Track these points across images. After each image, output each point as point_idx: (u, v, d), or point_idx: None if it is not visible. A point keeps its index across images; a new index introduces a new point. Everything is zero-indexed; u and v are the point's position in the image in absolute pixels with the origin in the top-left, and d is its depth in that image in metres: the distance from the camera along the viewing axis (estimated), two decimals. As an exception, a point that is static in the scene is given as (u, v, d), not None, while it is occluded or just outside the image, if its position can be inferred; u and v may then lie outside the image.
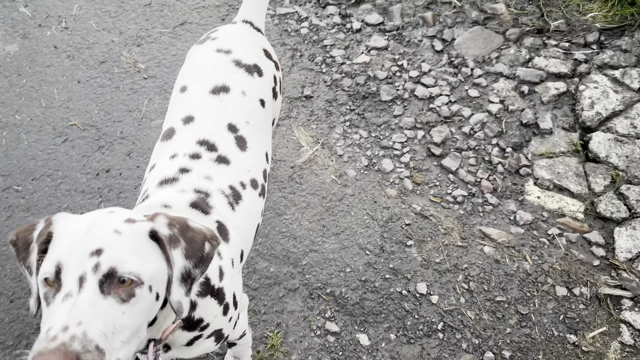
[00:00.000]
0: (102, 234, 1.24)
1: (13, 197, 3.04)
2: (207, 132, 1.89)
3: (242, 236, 1.86)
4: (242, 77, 2.05)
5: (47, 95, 3.49)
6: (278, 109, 2.47)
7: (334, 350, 2.62)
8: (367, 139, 3.39)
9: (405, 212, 3.08)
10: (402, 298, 2.78)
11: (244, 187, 1.90)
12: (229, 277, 1.71)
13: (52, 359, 1.01)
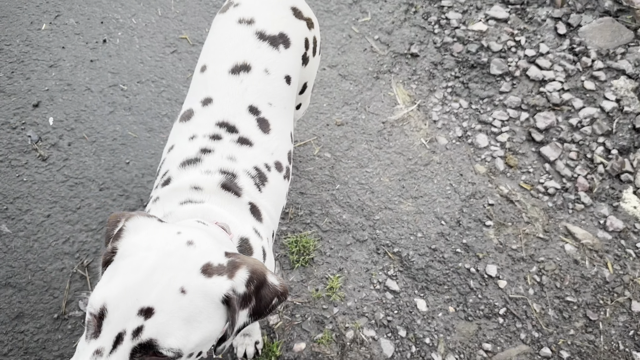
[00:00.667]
0: (164, 290, 1.08)
1: (118, 95, 3.19)
2: (227, 114, 1.76)
3: (271, 217, 1.79)
4: (265, 53, 1.85)
5: (165, 4, 3.59)
6: (314, 70, 2.26)
7: (389, 307, 2.61)
8: (467, 109, 3.26)
9: (491, 192, 2.97)
10: (468, 275, 2.72)
11: (269, 169, 1.80)
12: (269, 258, 1.69)
13: None
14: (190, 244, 1.18)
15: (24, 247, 2.69)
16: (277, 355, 2.44)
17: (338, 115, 3.18)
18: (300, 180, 2.94)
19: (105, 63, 3.31)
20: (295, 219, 2.83)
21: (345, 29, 3.53)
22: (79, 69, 3.28)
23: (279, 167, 1.85)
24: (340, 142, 3.08)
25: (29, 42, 3.39)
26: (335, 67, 3.36)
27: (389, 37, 3.51)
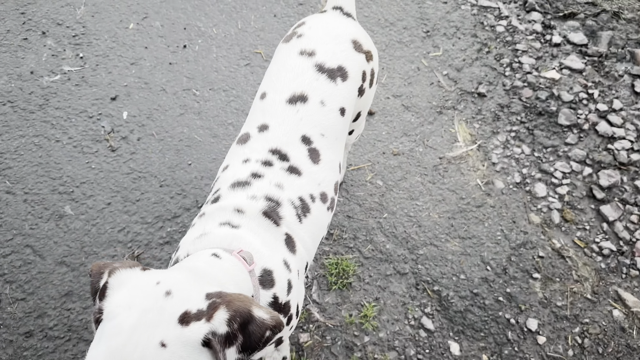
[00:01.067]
0: (145, 347, 1.09)
1: (189, 99, 3.36)
2: (280, 142, 1.82)
3: (307, 249, 1.82)
4: (322, 85, 1.90)
5: (245, 19, 3.75)
6: (369, 100, 2.29)
7: (421, 346, 2.58)
8: (528, 156, 3.20)
9: (542, 244, 2.89)
10: (507, 325, 2.65)
11: (314, 200, 1.84)
12: (295, 290, 1.69)
13: None
14: (168, 294, 1.18)
15: (82, 229, 2.85)
16: (302, 374, 2.46)
17: (395, 144, 3.20)
18: (349, 204, 2.98)
19: (183, 67, 3.49)
20: (339, 241, 2.86)
21: (415, 61, 3.56)
22: (158, 69, 3.47)
23: (324, 198, 1.89)
24: (394, 171, 3.10)
25: (116, 39, 3.63)
26: (399, 97, 3.39)
27: (458, 73, 3.51)
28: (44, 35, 3.64)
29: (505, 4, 3.95)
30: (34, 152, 3.12)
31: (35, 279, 2.70)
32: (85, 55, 3.55)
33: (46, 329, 2.57)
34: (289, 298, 1.65)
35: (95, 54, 3.55)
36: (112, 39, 3.64)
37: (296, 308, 1.73)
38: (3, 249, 2.78)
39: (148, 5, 3.81)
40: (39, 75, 3.44)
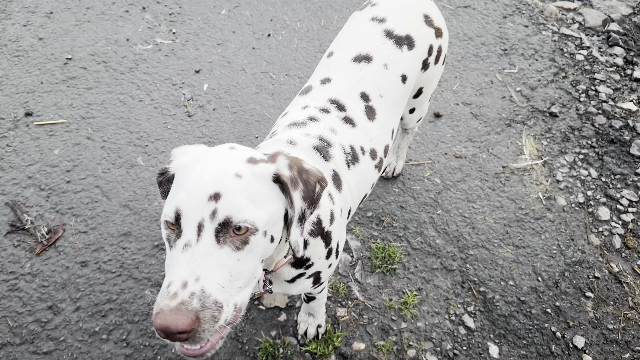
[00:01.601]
0: (222, 176, 1.19)
1: (266, 81, 3.53)
2: (340, 94, 1.88)
3: (351, 195, 1.84)
4: (388, 49, 1.97)
5: (328, 18, 3.93)
6: (434, 79, 2.30)
7: (459, 342, 2.52)
8: (595, 180, 3.12)
9: (599, 266, 2.78)
10: (552, 338, 2.54)
11: (363, 152, 1.87)
12: (337, 224, 1.72)
13: (172, 320, 1.04)
14: (232, 148, 1.31)
15: (149, 180, 3.02)
16: (335, 346, 2.45)
17: (459, 148, 3.21)
18: (403, 195, 2.99)
19: (264, 53, 3.69)
20: (389, 229, 2.87)
21: (489, 75, 3.59)
22: (241, 52, 3.69)
23: (373, 154, 1.92)
24: (453, 172, 3.10)
25: (207, 22, 3.90)
26: (469, 105, 3.41)
27: (531, 92, 3.51)
28: (143, 10, 3.96)
29: (587, 36, 3.93)
30: (118, 107, 3.36)
31: (99, 216, 2.87)
32: (178, 31, 3.82)
33: (101, 262, 2.71)
34: (331, 228, 1.67)
35: (186, 32, 3.82)
36: (204, 21, 3.91)
37: (336, 245, 1.75)
38: (75, 186, 2.98)
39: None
40: (133, 43, 3.74)
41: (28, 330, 2.46)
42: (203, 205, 1.16)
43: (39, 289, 2.59)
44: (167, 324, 1.04)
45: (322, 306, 2.41)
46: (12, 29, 3.79)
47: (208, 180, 1.18)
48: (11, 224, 2.81)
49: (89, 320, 2.50)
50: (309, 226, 1.58)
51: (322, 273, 1.76)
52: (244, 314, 2.01)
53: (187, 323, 1.05)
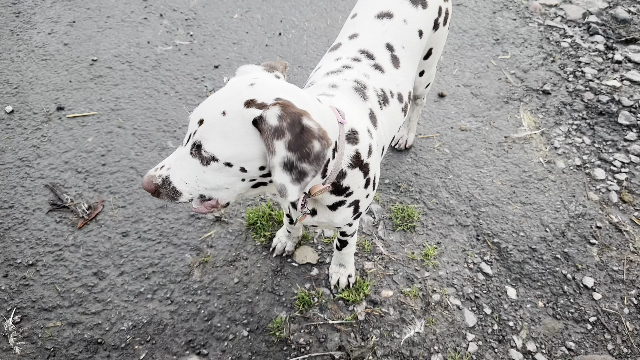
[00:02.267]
0: (214, 108, 1.47)
1: (280, 72, 3.81)
2: (368, 45, 2.13)
3: (384, 132, 2.06)
4: (406, 7, 2.24)
5: (333, 18, 4.27)
6: (441, 41, 2.56)
7: (479, 287, 2.73)
8: (589, 146, 3.41)
9: (600, 217, 3.04)
10: (564, 280, 2.76)
11: (392, 95, 2.11)
12: (374, 157, 1.89)
13: (144, 181, 1.56)
14: (251, 85, 1.49)
15: (180, 159, 3.24)
16: (365, 294, 2.65)
17: (463, 122, 3.49)
18: (416, 164, 3.25)
19: (277, 49, 3.98)
20: (406, 193, 3.11)
21: (485, 61, 3.92)
22: (256, 49, 3.98)
23: (400, 98, 2.18)
24: (460, 143, 3.37)
25: (221, 25, 4.20)
26: (469, 87, 3.72)
27: (524, 74, 3.83)
28: (161, 17, 4.26)
29: (570, 27, 4.31)
30: (145, 100, 3.60)
31: (136, 192, 3.07)
32: (195, 34, 4.11)
33: (141, 231, 2.89)
34: (368, 160, 1.87)
35: (203, 34, 4.11)
36: (219, 24, 4.21)
37: (373, 178, 1.96)
38: (110, 168, 3.19)
39: (251, 2, 4.41)
40: (154, 45, 4.01)
41: (76, 294, 2.62)
42: (195, 125, 1.51)
43: (83, 258, 2.76)
44: (142, 184, 1.57)
45: (351, 256, 2.61)
46: (38, 37, 4.05)
47: (204, 106, 1.52)
48: (52, 202, 3.00)
49: (133, 282, 2.67)
50: (347, 159, 1.76)
51: (360, 202, 1.96)
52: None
53: (150, 189, 1.56)
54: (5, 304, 2.58)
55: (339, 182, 1.79)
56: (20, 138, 3.31)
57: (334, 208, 1.92)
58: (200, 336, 2.49)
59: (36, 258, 2.75)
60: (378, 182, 2.14)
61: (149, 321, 2.53)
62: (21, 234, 2.85)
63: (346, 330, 2.52)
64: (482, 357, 2.46)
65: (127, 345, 2.45)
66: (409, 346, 2.48)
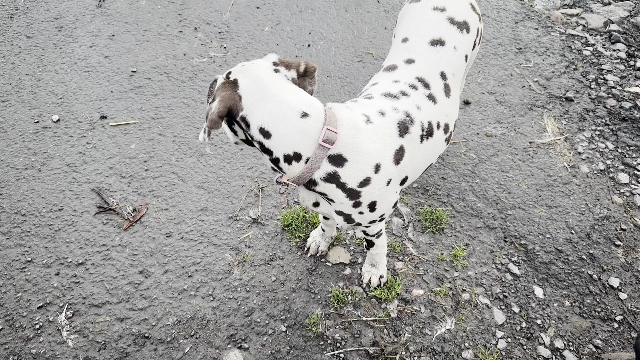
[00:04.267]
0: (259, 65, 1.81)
1: (310, 81, 3.97)
2: (424, 73, 2.18)
3: (415, 167, 2.11)
4: (455, 34, 2.31)
5: (360, 29, 4.43)
6: (474, 57, 2.68)
7: (507, 286, 2.83)
8: (612, 151, 3.50)
9: (625, 220, 3.12)
10: (590, 280, 2.85)
11: (438, 127, 2.15)
12: (373, 188, 1.97)
13: None
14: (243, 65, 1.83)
15: (219, 165, 3.41)
16: (397, 292, 2.77)
17: (489, 129, 3.61)
18: (444, 169, 3.37)
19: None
20: (434, 196, 3.23)
21: (508, 69, 4.04)
22: (286, 59, 4.15)
23: (446, 129, 2.26)
24: (486, 149, 3.48)
25: (253, 38, 4.39)
26: (493, 94, 3.84)
27: (547, 82, 3.94)
28: (195, 30, 4.46)
29: (591, 36, 4.41)
30: (183, 109, 3.79)
31: (178, 196, 3.24)
32: (228, 46, 4.31)
33: (183, 232, 3.06)
34: (359, 189, 1.94)
35: (236, 46, 4.30)
36: (251, 37, 4.40)
37: (371, 204, 2.01)
38: (153, 173, 3.37)
39: (281, 15, 4.59)
40: (190, 57, 4.21)
41: (123, 291, 2.79)
42: None
43: (129, 257, 2.94)
44: None
45: (383, 257, 2.74)
46: (80, 50, 4.27)
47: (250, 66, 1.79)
48: (98, 206, 3.18)
49: (177, 280, 2.83)
50: (322, 174, 1.89)
51: (352, 216, 2.06)
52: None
53: None
54: (58, 300, 2.75)
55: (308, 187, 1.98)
56: (66, 145, 3.52)
57: (330, 202, 2.05)
58: (241, 331, 2.63)
59: (85, 257, 2.92)
60: (392, 211, 2.19)
61: (193, 316, 2.68)
62: (71, 234, 3.03)
63: (379, 327, 2.64)
64: (511, 354, 2.56)
65: (173, 339, 2.60)
66: (440, 342, 2.59)
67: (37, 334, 2.60)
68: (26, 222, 3.07)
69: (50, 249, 2.94)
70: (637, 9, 4.63)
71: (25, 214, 3.11)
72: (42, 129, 3.62)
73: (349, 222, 2.11)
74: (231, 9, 4.66)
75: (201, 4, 4.75)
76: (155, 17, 4.61)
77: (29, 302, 2.71)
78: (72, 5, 4.77)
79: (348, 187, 1.93)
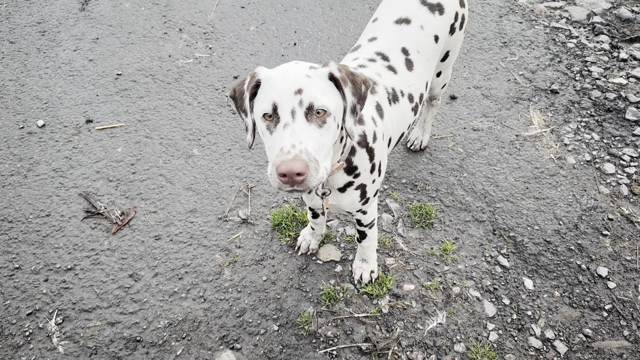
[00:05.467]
0: (298, 77, 1.59)
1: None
2: (385, 49, 2.29)
3: (391, 126, 2.22)
4: (423, 14, 2.39)
5: (345, 27, 4.43)
6: (458, 44, 2.71)
7: (497, 279, 2.85)
8: (598, 142, 3.52)
9: (612, 210, 3.15)
10: (579, 270, 2.87)
11: (402, 95, 2.26)
12: (379, 144, 2.08)
13: (292, 165, 1.45)
14: (297, 63, 1.71)
15: (207, 166, 3.40)
16: (388, 288, 2.77)
17: (475, 123, 3.62)
18: (432, 164, 3.38)
19: (293, 58, 4.15)
20: (423, 192, 3.24)
21: (494, 63, 4.06)
22: (272, 59, 4.14)
23: (410, 98, 2.33)
24: (474, 143, 3.50)
25: (239, 37, 4.37)
26: (479, 89, 3.85)
27: (533, 75, 3.96)
28: (180, 32, 4.44)
29: (575, 28, 4.44)
30: (169, 111, 3.77)
31: (166, 198, 3.23)
32: (213, 46, 4.29)
33: (172, 234, 3.04)
34: (374, 146, 2.05)
35: (221, 46, 4.29)
36: (236, 36, 4.38)
37: (379, 164, 2.13)
38: (140, 176, 3.35)
39: (266, 14, 4.58)
40: (175, 58, 4.19)
41: (113, 296, 2.77)
42: (292, 97, 1.57)
43: (119, 261, 2.92)
44: (290, 168, 1.45)
45: (374, 251, 2.75)
46: (64, 54, 4.24)
47: (291, 82, 1.59)
48: (86, 210, 3.16)
49: (167, 283, 2.82)
50: (357, 137, 1.91)
51: (367, 187, 2.13)
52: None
53: (303, 167, 1.46)
54: (47, 306, 2.73)
55: (350, 160, 1.98)
56: (52, 150, 3.49)
57: (343, 190, 2.09)
58: (233, 331, 2.62)
59: (74, 262, 2.90)
60: (385, 171, 2.28)
61: (184, 319, 2.67)
62: (59, 240, 3.01)
63: (371, 323, 2.65)
64: (502, 345, 2.58)
65: (165, 342, 2.59)
66: (432, 336, 2.60)
67: (27, 341, 2.58)
68: (13, 229, 3.04)
69: (38, 255, 2.92)
70: (620, 0, 4.67)
71: (12, 220, 3.08)
72: (27, 135, 3.59)
73: (362, 197, 2.15)
74: (216, 10, 4.65)
75: (185, 5, 4.73)
76: (140, 19, 4.59)
77: (18, 309, 2.69)
78: (55, 9, 4.73)
79: (370, 147, 2.03)
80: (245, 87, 1.74)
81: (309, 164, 1.49)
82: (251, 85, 1.70)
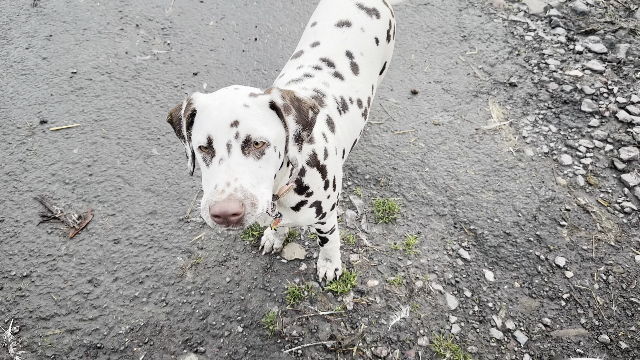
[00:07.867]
0: (235, 107, 1.49)
1: (259, 77, 3.92)
2: (329, 53, 2.25)
3: (344, 137, 2.18)
4: (362, 17, 2.40)
5: (306, 21, 4.40)
6: (390, 53, 2.75)
7: (458, 272, 2.89)
8: (555, 134, 3.60)
9: (569, 200, 3.23)
10: (537, 261, 2.94)
11: (351, 102, 2.23)
12: (331, 159, 2.02)
13: (226, 206, 1.37)
14: (236, 89, 1.60)
15: (166, 166, 3.33)
16: (353, 284, 2.78)
17: (436, 117, 3.66)
18: (394, 159, 3.40)
19: (254, 54, 4.09)
20: (385, 187, 3.25)
21: (453, 57, 4.09)
22: (233, 55, 4.08)
23: (359, 104, 2.31)
24: (434, 137, 3.53)
25: (198, 32, 4.29)
26: (439, 83, 3.89)
27: (492, 68, 4.02)
28: (137, 27, 4.33)
29: (532, 21, 4.51)
30: (127, 110, 3.68)
31: (125, 200, 3.15)
32: (172, 42, 4.20)
33: (132, 238, 2.98)
34: (325, 163, 1.98)
35: (180, 42, 4.20)
36: (195, 32, 4.30)
37: (333, 179, 2.07)
38: (97, 178, 3.26)
39: (226, 9, 4.51)
40: (132, 55, 4.08)
41: (72, 302, 2.70)
42: (227, 130, 1.48)
43: (77, 266, 2.84)
44: (224, 209, 1.38)
45: (337, 251, 2.75)
46: (16, 52, 4.08)
47: (227, 112, 1.50)
48: (42, 215, 3.06)
49: (127, 287, 2.76)
50: (306, 157, 1.88)
51: (322, 203, 2.07)
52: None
53: (237, 207, 1.39)
54: (3, 315, 2.64)
55: (300, 180, 1.91)
56: (5, 153, 3.36)
57: (297, 209, 2.02)
58: (197, 335, 2.59)
59: (30, 269, 2.81)
60: (341, 184, 2.24)
61: (146, 323, 2.62)
62: (13, 246, 2.91)
63: (336, 320, 2.65)
64: (465, 337, 2.62)
65: (126, 348, 2.54)
66: (396, 331, 2.63)
67: (-20, 353, 2.49)
68: (-37, 237, 2.92)
69: (-10, 264, 2.82)
70: (575, -7, 4.77)
71: (-38, 228, 2.96)
72: (-24, 137, 3.44)
73: (318, 213, 2.10)
74: (174, 4, 4.54)
75: (142, 0, 4.61)
76: (95, 15, 4.45)
77: (-31, 320, 2.59)
78: (5, 4, 4.54)
79: (321, 164, 1.96)
80: (181, 114, 1.66)
81: (244, 201, 1.42)
82: (187, 114, 1.61)
